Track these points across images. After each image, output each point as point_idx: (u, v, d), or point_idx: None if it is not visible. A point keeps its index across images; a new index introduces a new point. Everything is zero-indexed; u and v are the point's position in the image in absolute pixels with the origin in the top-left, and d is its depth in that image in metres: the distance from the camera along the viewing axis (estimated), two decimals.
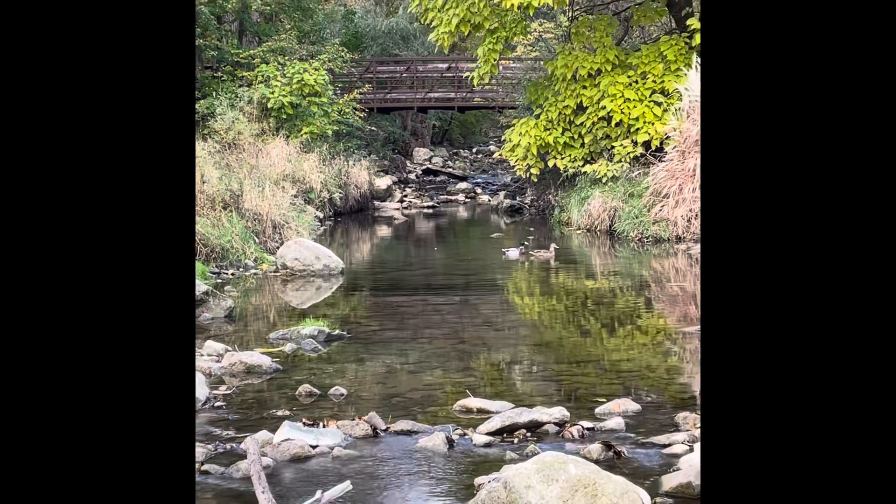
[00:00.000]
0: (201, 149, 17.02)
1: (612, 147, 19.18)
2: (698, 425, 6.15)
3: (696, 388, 7.73)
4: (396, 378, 8.01)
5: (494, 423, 6.31)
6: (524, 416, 6.38)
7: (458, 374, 8.12)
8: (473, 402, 6.90)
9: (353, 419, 6.49)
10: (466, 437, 6.23)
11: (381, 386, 7.76)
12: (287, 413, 6.75)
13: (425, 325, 10.50)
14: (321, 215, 20.43)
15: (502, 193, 26.78)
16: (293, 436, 6.04)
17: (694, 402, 7.04)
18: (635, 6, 21.56)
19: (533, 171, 20.37)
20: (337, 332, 9.46)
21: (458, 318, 10.91)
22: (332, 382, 7.56)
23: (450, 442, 6.06)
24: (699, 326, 9.65)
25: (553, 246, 15.67)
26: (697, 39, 18.51)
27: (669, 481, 5.27)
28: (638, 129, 18.75)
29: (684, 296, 12.10)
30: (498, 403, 6.85)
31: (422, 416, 6.77)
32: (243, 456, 5.68)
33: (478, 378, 8.03)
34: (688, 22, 19.09)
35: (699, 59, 18.10)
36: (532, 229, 20.09)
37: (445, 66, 30.72)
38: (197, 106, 20.70)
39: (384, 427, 6.40)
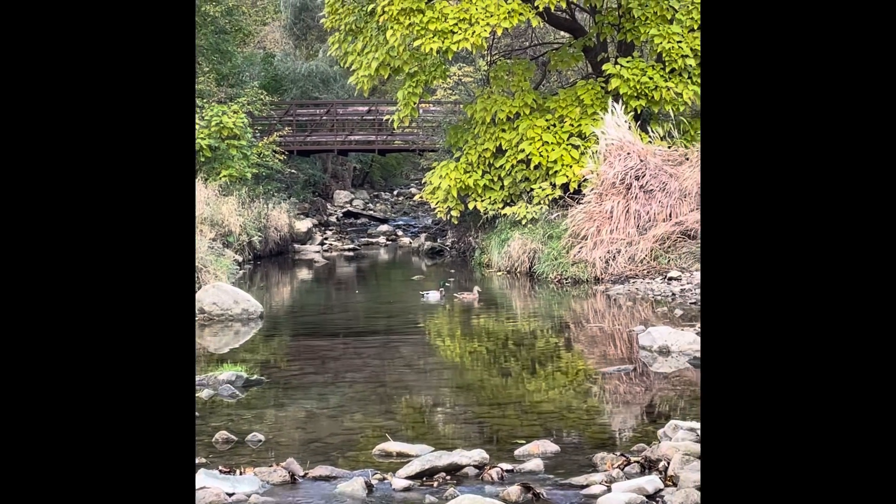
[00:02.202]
0: None
1: (532, 189, 19.38)
2: (616, 465, 6.20)
3: (615, 428, 7.79)
4: (316, 423, 7.93)
5: (414, 467, 6.28)
6: (444, 459, 6.36)
7: (378, 417, 8.07)
8: (393, 446, 6.86)
9: (271, 465, 6.40)
10: (386, 481, 6.18)
11: (300, 431, 7.67)
12: (203, 460, 6.63)
13: (346, 369, 10.43)
14: (240, 259, 20.23)
15: (423, 236, 26.84)
16: (209, 484, 5.93)
17: (612, 442, 7.09)
18: (552, 51, 21.92)
19: (453, 213, 20.47)
20: (255, 377, 9.34)
21: (379, 361, 10.86)
22: (249, 428, 7.45)
23: (369, 487, 6.01)
24: (618, 367, 9.76)
25: (476, 288, 15.71)
26: (613, 84, 18.86)
27: None
28: (556, 171, 18.99)
29: (603, 336, 12.22)
30: (418, 447, 6.82)
31: (341, 460, 6.70)
32: None
33: (398, 421, 7.99)
34: (603, 67, 19.45)
35: (614, 104, 18.44)
36: (453, 271, 20.15)
37: (366, 109, 30.83)
38: None
39: (302, 473, 6.32)
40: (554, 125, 19.41)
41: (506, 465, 6.37)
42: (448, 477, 6.24)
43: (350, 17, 20.36)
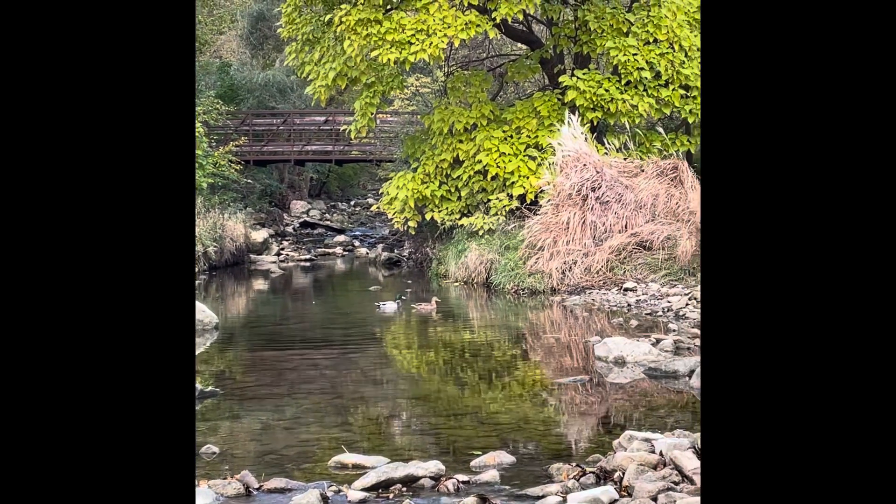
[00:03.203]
0: None
1: (489, 200, 19.43)
2: (571, 476, 6.22)
3: (571, 438, 7.82)
4: (271, 434, 7.87)
5: (370, 479, 6.26)
6: (400, 470, 6.34)
7: (334, 429, 8.04)
8: (349, 458, 6.84)
9: (226, 478, 6.35)
10: (341, 493, 6.16)
11: (255, 443, 7.62)
12: None
13: (302, 380, 10.37)
14: (195, 269, 20.08)
15: (380, 246, 26.81)
16: None
17: (568, 453, 7.11)
18: (509, 63, 22.02)
19: (410, 223, 20.47)
20: (210, 388, 9.26)
21: (335, 373, 10.82)
22: (203, 441, 7.38)
23: (324, 499, 5.98)
24: (574, 377, 9.79)
25: (435, 299, 15.71)
26: (569, 96, 18.98)
27: None
28: (513, 182, 19.05)
29: (559, 347, 12.27)
30: (374, 458, 6.80)
31: (297, 472, 6.66)
32: None
33: (354, 433, 7.96)
34: (560, 79, 19.57)
35: (571, 116, 18.55)
36: (410, 282, 20.14)
37: (323, 118, 30.76)
38: None
39: (257, 485, 6.28)
40: (511, 136, 19.49)
41: (462, 477, 6.37)
42: (404, 489, 6.23)
43: (307, 27, 20.33)
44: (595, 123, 19.35)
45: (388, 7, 19.21)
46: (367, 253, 27.06)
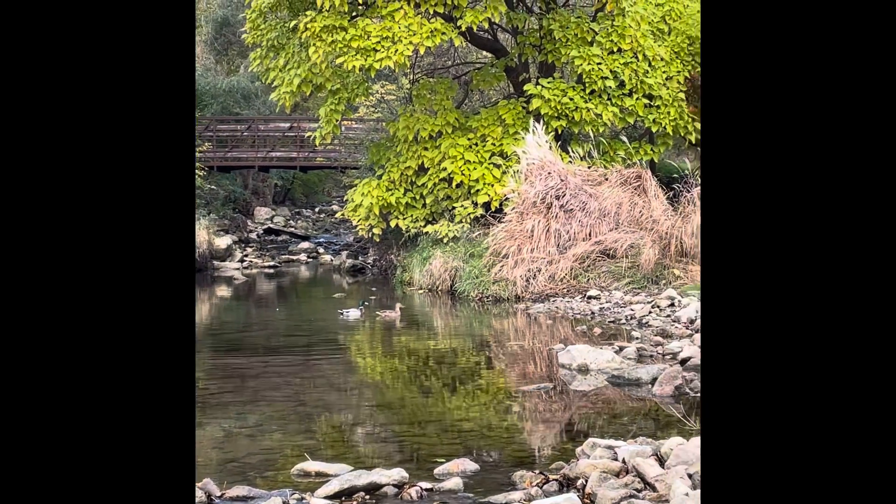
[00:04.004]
0: None
1: (453, 208, 19.46)
2: (534, 483, 6.23)
3: (534, 446, 7.84)
4: (234, 442, 7.83)
5: (333, 487, 6.24)
6: (363, 478, 6.33)
7: (297, 436, 8.00)
8: (312, 466, 6.81)
9: None
10: (304, 501, 6.13)
11: (217, 451, 7.57)
12: None
13: (265, 388, 10.32)
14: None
15: (345, 253, 26.73)
16: None
17: (531, 461, 7.13)
18: (475, 71, 22.08)
19: (375, 231, 20.45)
20: None
21: (298, 380, 10.77)
22: None
23: None
24: (537, 385, 9.82)
25: (399, 305, 15.69)
26: (534, 104, 19.06)
27: None
28: (478, 190, 19.09)
29: (523, 354, 12.29)
30: (337, 466, 6.78)
31: (259, 480, 6.63)
32: None
33: (318, 440, 7.93)
34: (525, 87, 19.64)
35: (535, 124, 18.63)
36: (374, 289, 20.11)
37: (287, 125, 30.66)
38: None
39: (219, 493, 6.23)
40: (476, 144, 19.53)
41: (425, 484, 6.37)
42: (367, 496, 6.21)
43: (272, 33, 20.28)
44: (559, 132, 19.44)
45: (354, 14, 19.20)
46: (332, 260, 26.98)
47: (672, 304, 14.61)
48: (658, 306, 14.61)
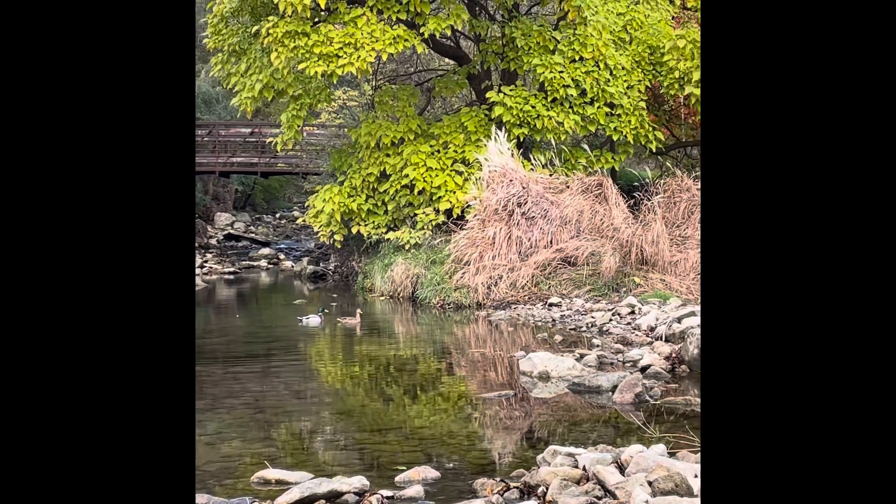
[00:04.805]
0: None
1: (415, 215, 19.46)
2: (495, 491, 6.23)
3: (495, 453, 7.84)
4: None
5: (293, 495, 6.20)
6: (324, 486, 6.30)
7: (257, 444, 7.95)
8: (272, 473, 6.76)
9: None
10: None
11: None
12: None
13: (224, 395, 10.24)
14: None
15: (306, 259, 26.63)
16: None
17: (492, 468, 7.13)
18: (437, 78, 22.10)
19: (336, 237, 20.39)
20: None
21: (258, 387, 10.71)
22: None
23: None
24: (498, 392, 9.83)
25: (359, 312, 15.66)
26: (496, 111, 19.12)
27: None
28: (440, 197, 19.11)
29: (484, 362, 12.30)
30: (297, 474, 6.74)
31: (218, 488, 6.57)
32: None
33: (278, 448, 7.88)
34: (487, 95, 19.69)
35: (498, 131, 18.67)
36: (335, 296, 20.04)
37: (249, 130, 30.52)
38: None
39: None
40: (438, 151, 19.55)
41: (386, 492, 6.35)
42: None
43: (234, 38, 20.18)
44: (521, 139, 19.50)
45: (316, 20, 19.16)
46: (293, 266, 26.87)
47: (632, 312, 14.69)
48: (619, 314, 14.69)
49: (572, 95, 19.24)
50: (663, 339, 12.21)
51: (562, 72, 19.20)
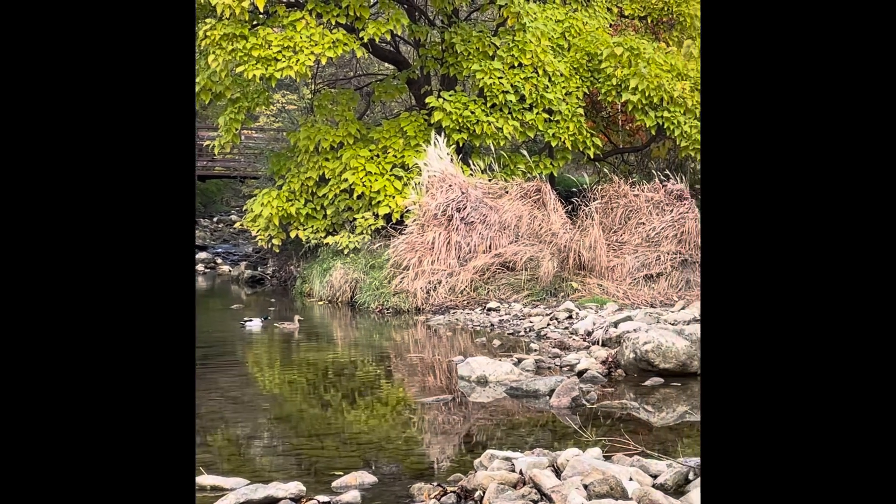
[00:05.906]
0: None
1: (354, 219, 19.41)
2: (432, 495, 6.24)
3: (433, 458, 7.85)
4: None
5: (229, 501, 6.15)
6: (260, 492, 6.25)
7: None
8: (208, 480, 6.70)
9: None
10: None
11: None
12: None
13: None
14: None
15: (244, 264, 26.40)
16: None
17: (430, 473, 7.13)
18: (377, 82, 22.08)
19: (275, 241, 20.26)
20: None
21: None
22: None
23: None
24: (437, 397, 9.83)
25: (297, 317, 15.58)
26: (436, 116, 19.15)
27: None
28: (379, 201, 19.08)
29: (423, 366, 12.30)
30: (233, 480, 6.69)
31: None
32: None
33: (213, 454, 7.81)
34: (427, 100, 19.72)
35: (437, 137, 18.71)
36: (274, 300, 19.90)
37: None
38: None
39: None
40: (377, 155, 19.52)
41: (323, 498, 6.32)
42: None
43: None
44: (461, 144, 19.56)
45: (255, 23, 19.03)
46: (230, 270, 26.62)
47: (570, 317, 14.80)
48: (556, 318, 14.79)
49: (511, 101, 19.34)
50: (600, 343, 12.32)
51: (501, 78, 19.30)
